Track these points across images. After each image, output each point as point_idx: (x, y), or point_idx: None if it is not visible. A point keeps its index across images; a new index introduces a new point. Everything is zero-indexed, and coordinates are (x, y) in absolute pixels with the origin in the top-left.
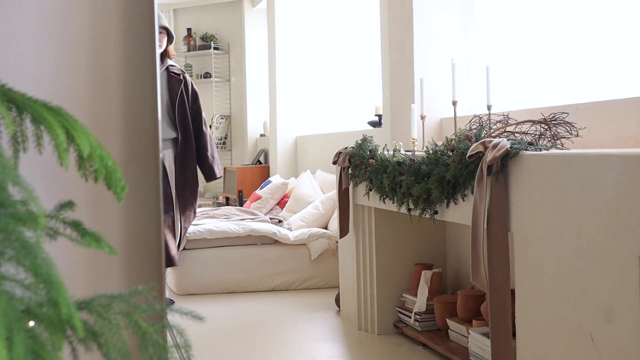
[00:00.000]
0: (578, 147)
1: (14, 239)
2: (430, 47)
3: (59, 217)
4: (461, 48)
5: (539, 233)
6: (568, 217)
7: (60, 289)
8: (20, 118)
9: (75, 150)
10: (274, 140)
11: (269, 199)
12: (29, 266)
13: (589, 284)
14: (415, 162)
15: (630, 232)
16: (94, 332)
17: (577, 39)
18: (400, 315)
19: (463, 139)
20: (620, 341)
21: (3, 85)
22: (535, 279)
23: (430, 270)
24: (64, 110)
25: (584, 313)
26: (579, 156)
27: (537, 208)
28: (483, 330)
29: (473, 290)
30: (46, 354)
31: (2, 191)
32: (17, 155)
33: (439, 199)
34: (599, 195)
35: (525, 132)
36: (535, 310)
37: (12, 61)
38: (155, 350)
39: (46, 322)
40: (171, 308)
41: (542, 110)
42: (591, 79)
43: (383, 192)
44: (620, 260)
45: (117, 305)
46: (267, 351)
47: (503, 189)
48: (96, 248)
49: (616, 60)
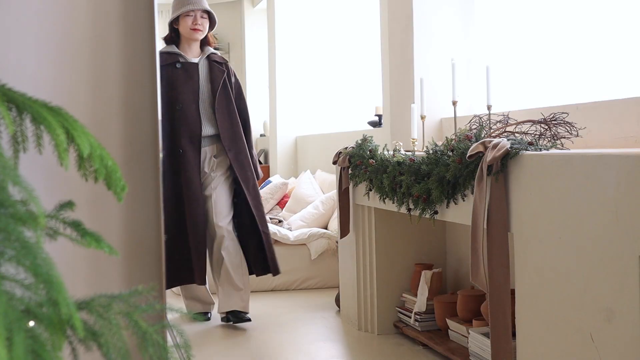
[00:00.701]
0: (578, 147)
1: (14, 239)
2: (430, 47)
3: (59, 217)
4: (461, 48)
5: (539, 233)
6: (568, 217)
7: (60, 289)
8: (20, 118)
9: (75, 150)
10: (274, 140)
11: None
12: (29, 266)
13: (589, 284)
14: (415, 162)
15: (630, 232)
16: (94, 332)
17: (576, 38)
18: (400, 315)
19: (463, 139)
20: (620, 341)
21: (3, 85)
22: (535, 279)
23: (430, 270)
24: (64, 110)
25: (584, 313)
26: (579, 156)
27: (537, 208)
28: (483, 330)
29: (473, 290)
30: (46, 354)
31: (2, 191)
32: (17, 155)
33: (439, 199)
34: (599, 195)
35: (525, 132)
36: (535, 310)
37: (12, 61)
38: (155, 350)
39: (46, 322)
40: (170, 307)
41: (542, 110)
42: (591, 79)
43: (383, 192)
44: (620, 260)
45: (117, 305)
46: (267, 351)
47: (503, 189)
48: (96, 248)
49: (616, 60)
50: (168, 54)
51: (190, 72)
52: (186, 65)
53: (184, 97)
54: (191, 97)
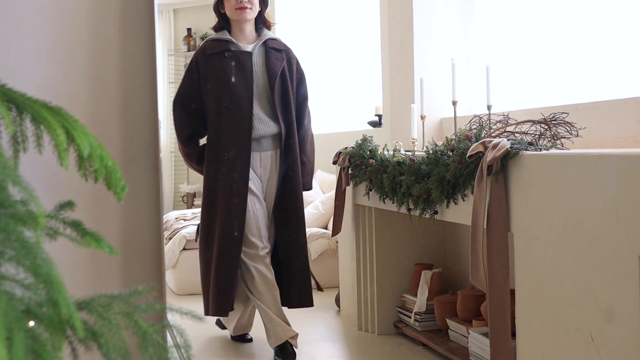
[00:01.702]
0: (578, 147)
1: (14, 239)
2: (430, 47)
3: (59, 217)
4: (461, 48)
5: (539, 233)
6: (568, 217)
7: (60, 289)
8: (20, 118)
9: (75, 150)
10: None
11: None
12: (29, 266)
13: (589, 284)
14: (415, 162)
15: (630, 232)
16: (94, 332)
17: (576, 39)
18: (400, 315)
19: (463, 139)
20: (620, 341)
21: (3, 85)
22: (535, 279)
23: (430, 270)
24: (64, 110)
25: (584, 313)
26: (579, 156)
27: (537, 208)
28: (483, 330)
29: (473, 290)
30: (46, 354)
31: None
32: (17, 155)
33: (439, 199)
34: (599, 195)
35: (525, 132)
36: (535, 310)
37: (12, 61)
38: (155, 350)
39: (46, 322)
40: (170, 307)
41: (542, 110)
42: (591, 79)
43: (383, 192)
44: (620, 260)
45: (117, 305)
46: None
47: (503, 189)
48: (96, 248)
49: (616, 60)
50: (216, 42)
51: (242, 62)
52: (237, 54)
53: (233, 91)
54: (242, 91)
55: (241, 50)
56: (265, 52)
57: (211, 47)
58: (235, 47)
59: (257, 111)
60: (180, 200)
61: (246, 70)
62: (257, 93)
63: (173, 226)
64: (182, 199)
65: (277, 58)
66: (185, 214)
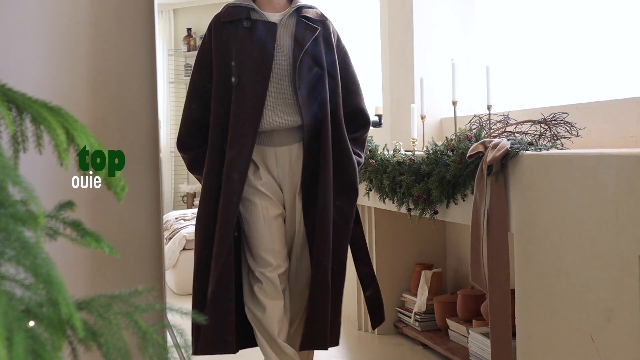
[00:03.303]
0: (578, 147)
1: (14, 239)
2: (430, 47)
3: (59, 217)
4: (461, 48)
5: (539, 233)
6: (568, 217)
7: (60, 289)
8: (20, 118)
9: (75, 150)
10: None
11: None
12: (29, 266)
13: (589, 284)
14: (415, 162)
15: (630, 232)
16: (94, 332)
17: (576, 39)
18: (400, 315)
19: (463, 139)
20: (620, 341)
21: (3, 85)
22: (535, 279)
23: (430, 270)
24: (64, 110)
25: (584, 313)
26: (579, 156)
27: (537, 208)
28: (483, 330)
29: (473, 290)
30: (46, 354)
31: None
32: (17, 155)
33: (439, 199)
34: (599, 195)
35: (525, 132)
36: (535, 310)
37: (12, 61)
38: (155, 350)
39: (46, 322)
40: (170, 307)
41: (542, 110)
42: (591, 79)
43: (383, 192)
44: (620, 260)
45: (117, 305)
46: None
47: (503, 189)
48: (96, 248)
49: (616, 60)
50: (235, 8)
51: (263, 35)
52: (259, 25)
53: (245, 68)
54: (257, 70)
55: (264, 20)
56: (295, 23)
57: (227, 14)
58: (257, 16)
59: (273, 97)
60: (180, 200)
61: (267, 45)
62: (277, 74)
63: (173, 226)
64: (182, 199)
65: (307, 29)
66: (185, 214)
